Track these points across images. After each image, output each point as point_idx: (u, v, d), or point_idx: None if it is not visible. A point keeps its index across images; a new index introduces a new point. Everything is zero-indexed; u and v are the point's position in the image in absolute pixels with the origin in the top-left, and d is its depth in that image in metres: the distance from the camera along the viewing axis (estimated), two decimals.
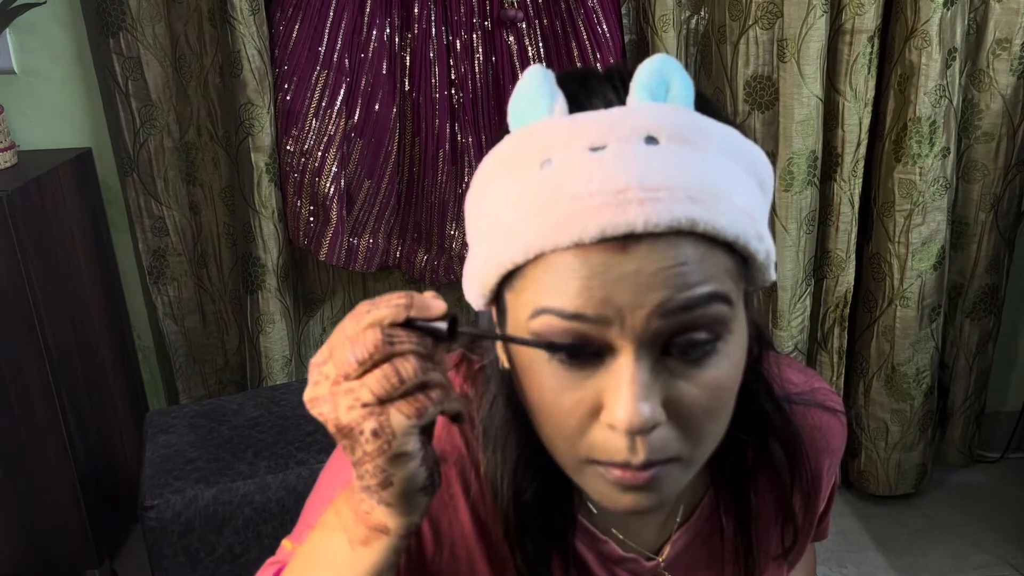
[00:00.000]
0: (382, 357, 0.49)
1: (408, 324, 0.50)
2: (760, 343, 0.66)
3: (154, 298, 2.08)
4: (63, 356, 1.82)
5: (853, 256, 2.01)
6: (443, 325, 0.51)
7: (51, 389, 1.76)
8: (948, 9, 1.80)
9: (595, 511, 0.69)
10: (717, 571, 0.74)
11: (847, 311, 2.04)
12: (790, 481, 0.71)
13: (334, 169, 1.90)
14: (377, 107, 1.92)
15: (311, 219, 1.93)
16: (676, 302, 0.50)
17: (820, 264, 2.04)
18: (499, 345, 0.59)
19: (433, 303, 0.51)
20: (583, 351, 0.52)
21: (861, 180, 1.95)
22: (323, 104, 1.88)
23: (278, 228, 1.93)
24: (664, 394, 0.52)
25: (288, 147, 1.89)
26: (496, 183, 0.54)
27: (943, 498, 2.20)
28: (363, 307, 0.51)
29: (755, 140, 1.98)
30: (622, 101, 0.54)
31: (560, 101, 0.54)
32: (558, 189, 0.50)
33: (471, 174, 1.97)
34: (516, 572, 0.67)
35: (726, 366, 0.54)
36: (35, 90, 1.95)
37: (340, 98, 1.89)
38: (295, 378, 2.07)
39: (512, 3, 1.89)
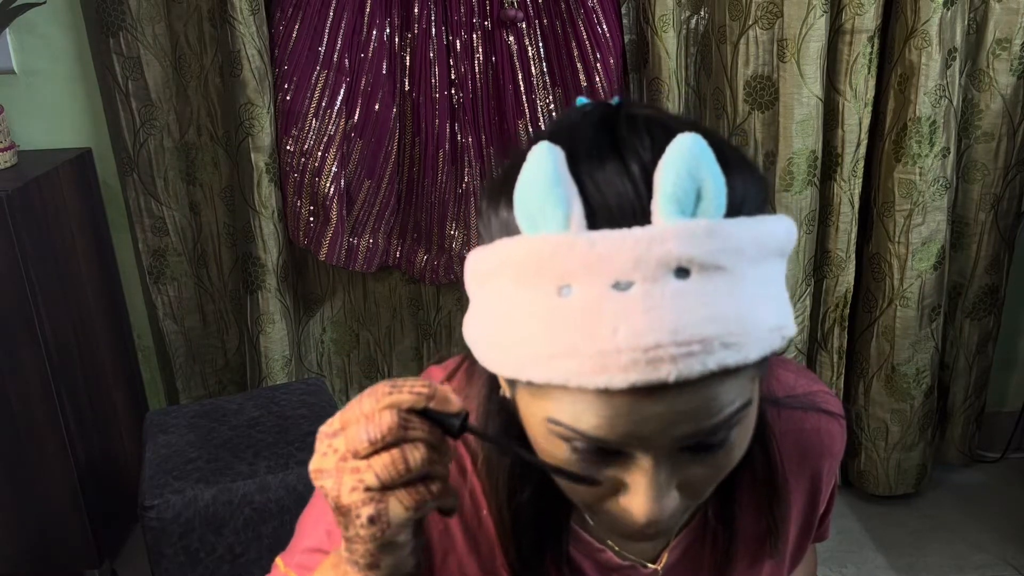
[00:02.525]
0: (394, 440, 0.50)
1: (423, 412, 0.51)
2: None
3: (154, 298, 2.08)
4: (63, 356, 1.82)
5: (853, 256, 2.01)
6: (455, 420, 0.51)
7: (51, 389, 1.76)
8: (948, 9, 1.80)
9: (591, 522, 0.69)
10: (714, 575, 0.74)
11: (847, 311, 2.04)
12: (766, 481, 0.71)
13: (334, 169, 1.90)
14: (377, 107, 1.92)
15: (311, 219, 1.93)
16: (700, 429, 0.50)
17: (820, 264, 2.04)
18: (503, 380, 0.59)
19: (452, 398, 0.51)
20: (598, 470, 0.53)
21: (861, 180, 1.95)
22: (323, 104, 1.88)
23: (278, 228, 1.93)
24: (679, 479, 0.53)
25: (288, 147, 1.89)
26: (506, 285, 0.51)
27: (943, 498, 2.20)
28: (384, 387, 0.51)
29: (755, 140, 1.99)
30: (643, 204, 0.48)
31: (576, 209, 0.48)
32: (582, 335, 0.47)
33: (471, 174, 1.97)
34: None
35: (739, 445, 0.54)
36: (35, 90, 1.95)
37: (340, 98, 1.89)
38: (295, 378, 2.07)
39: (512, 3, 1.89)
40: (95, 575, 1.93)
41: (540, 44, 1.91)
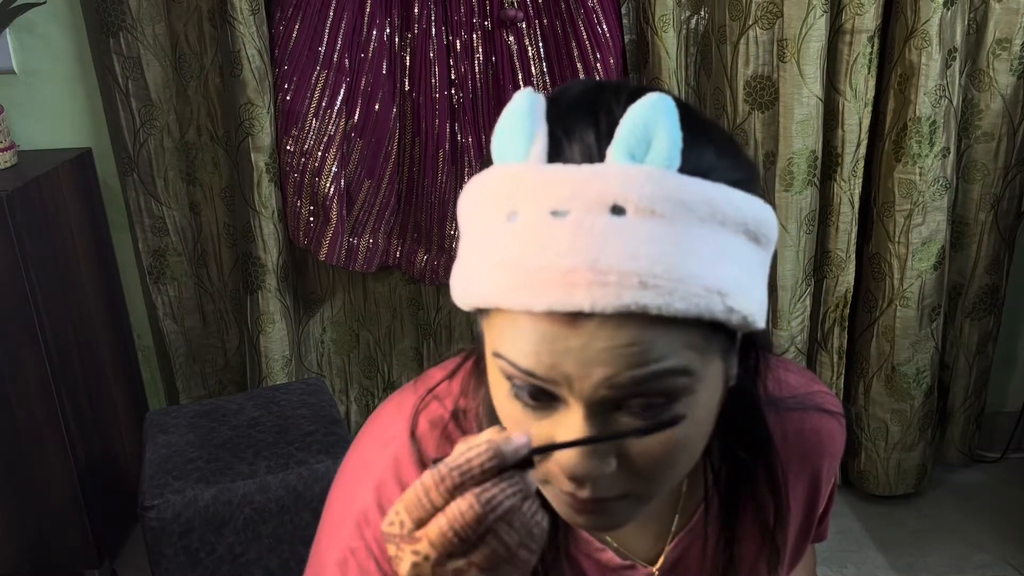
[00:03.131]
0: (485, 528, 0.48)
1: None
2: (757, 354, 0.65)
3: (154, 298, 2.08)
4: (63, 356, 1.82)
5: (853, 256, 2.01)
6: (528, 457, 0.50)
7: (51, 389, 1.76)
8: (948, 9, 1.80)
9: (545, 495, 0.70)
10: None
11: (847, 311, 2.04)
12: (769, 495, 0.70)
13: (334, 169, 1.90)
14: (377, 107, 1.92)
15: (311, 219, 1.93)
16: (623, 378, 0.50)
17: (820, 264, 2.04)
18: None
19: (517, 442, 0.50)
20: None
21: (861, 180, 1.95)
22: (323, 104, 1.88)
23: (278, 228, 1.93)
24: (616, 447, 0.53)
25: (288, 147, 1.89)
26: (473, 216, 0.54)
27: (943, 498, 2.20)
28: (447, 474, 0.49)
29: (755, 140, 1.99)
30: (601, 150, 0.50)
31: (538, 144, 0.51)
32: (516, 253, 0.50)
33: (471, 174, 1.96)
34: None
35: (685, 424, 0.53)
36: (35, 90, 1.95)
37: (340, 98, 1.89)
38: (295, 378, 2.07)
39: (512, 3, 1.89)
40: (95, 575, 1.93)
41: (540, 44, 1.91)
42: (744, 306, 0.52)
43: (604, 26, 1.86)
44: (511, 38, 1.90)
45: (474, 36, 1.91)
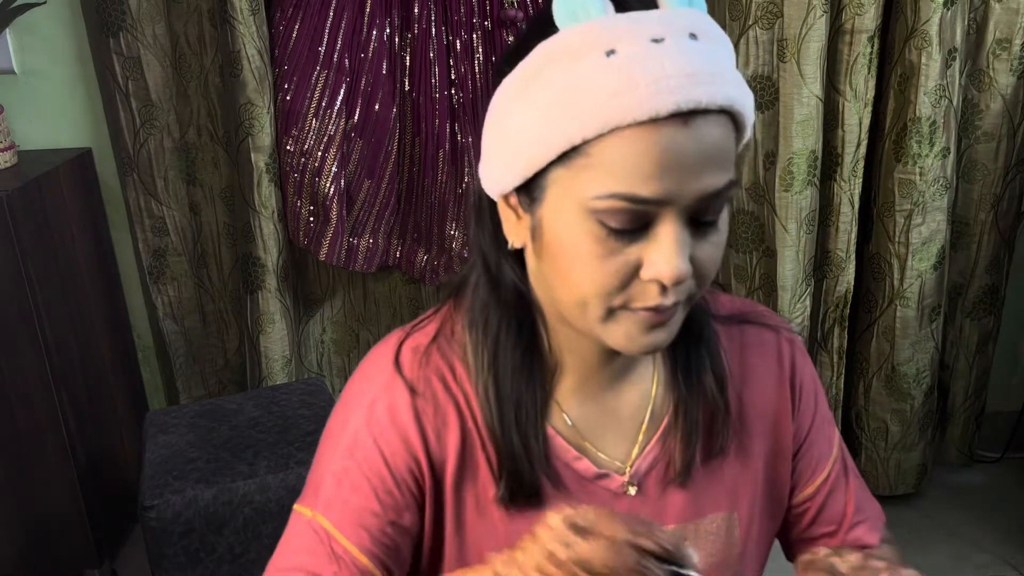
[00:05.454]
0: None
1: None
2: None
3: (154, 298, 2.08)
4: (63, 356, 1.82)
5: (853, 256, 2.01)
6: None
7: (51, 389, 1.76)
8: (948, 9, 1.80)
9: (570, 423, 0.76)
10: (686, 487, 0.78)
11: (847, 311, 2.04)
12: (713, 384, 0.78)
13: (334, 169, 1.90)
14: (377, 107, 1.92)
15: (311, 219, 1.93)
16: (715, 187, 0.62)
17: (820, 264, 2.04)
18: (516, 225, 0.69)
19: (692, 553, 0.60)
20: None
21: (861, 180, 1.95)
22: (323, 104, 1.88)
23: (278, 228, 1.93)
24: (690, 252, 0.64)
25: (288, 147, 1.89)
26: (553, 72, 0.62)
27: (943, 498, 2.20)
28: (626, 537, 0.59)
29: (755, 140, 1.99)
30: (655, 4, 0.63)
31: (609, 2, 0.62)
32: (633, 73, 0.59)
33: (471, 174, 1.97)
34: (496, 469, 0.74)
35: (726, 226, 0.67)
36: (35, 90, 1.95)
37: (340, 98, 1.89)
38: (295, 378, 2.07)
39: (512, 3, 1.89)
40: (95, 575, 1.94)
41: None
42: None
43: None
44: (511, 38, 1.90)
45: (474, 36, 1.91)
